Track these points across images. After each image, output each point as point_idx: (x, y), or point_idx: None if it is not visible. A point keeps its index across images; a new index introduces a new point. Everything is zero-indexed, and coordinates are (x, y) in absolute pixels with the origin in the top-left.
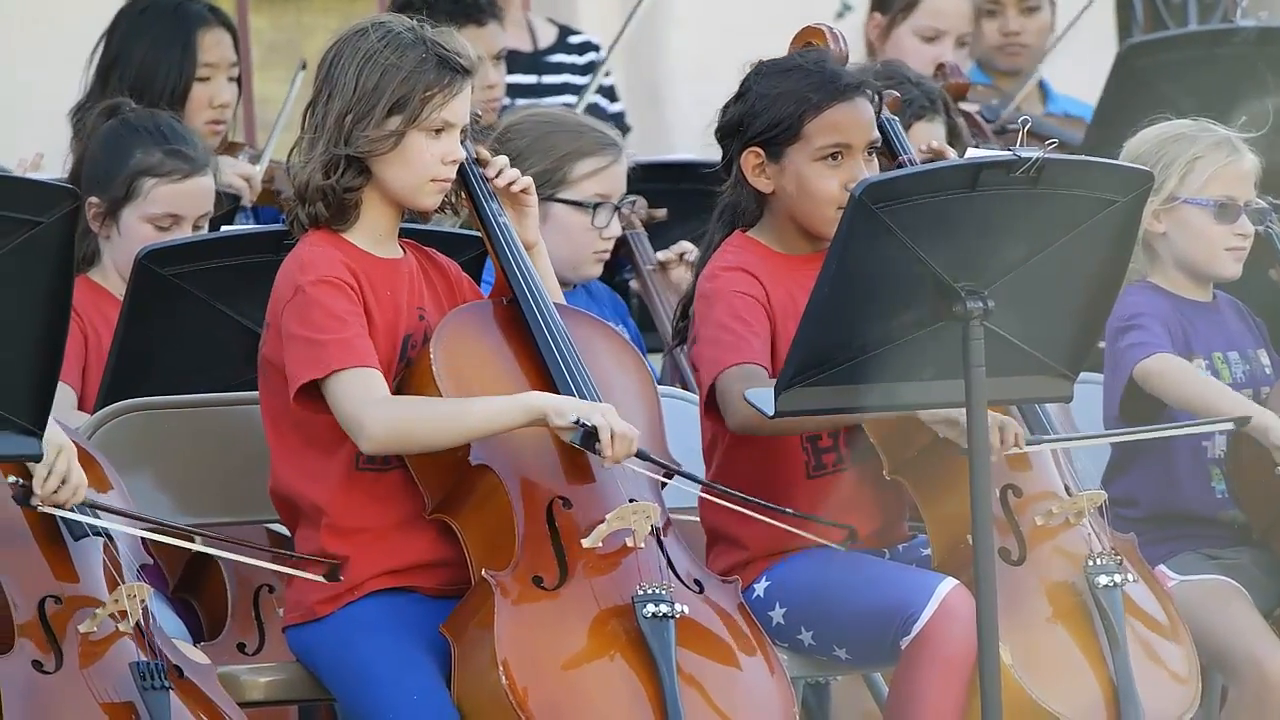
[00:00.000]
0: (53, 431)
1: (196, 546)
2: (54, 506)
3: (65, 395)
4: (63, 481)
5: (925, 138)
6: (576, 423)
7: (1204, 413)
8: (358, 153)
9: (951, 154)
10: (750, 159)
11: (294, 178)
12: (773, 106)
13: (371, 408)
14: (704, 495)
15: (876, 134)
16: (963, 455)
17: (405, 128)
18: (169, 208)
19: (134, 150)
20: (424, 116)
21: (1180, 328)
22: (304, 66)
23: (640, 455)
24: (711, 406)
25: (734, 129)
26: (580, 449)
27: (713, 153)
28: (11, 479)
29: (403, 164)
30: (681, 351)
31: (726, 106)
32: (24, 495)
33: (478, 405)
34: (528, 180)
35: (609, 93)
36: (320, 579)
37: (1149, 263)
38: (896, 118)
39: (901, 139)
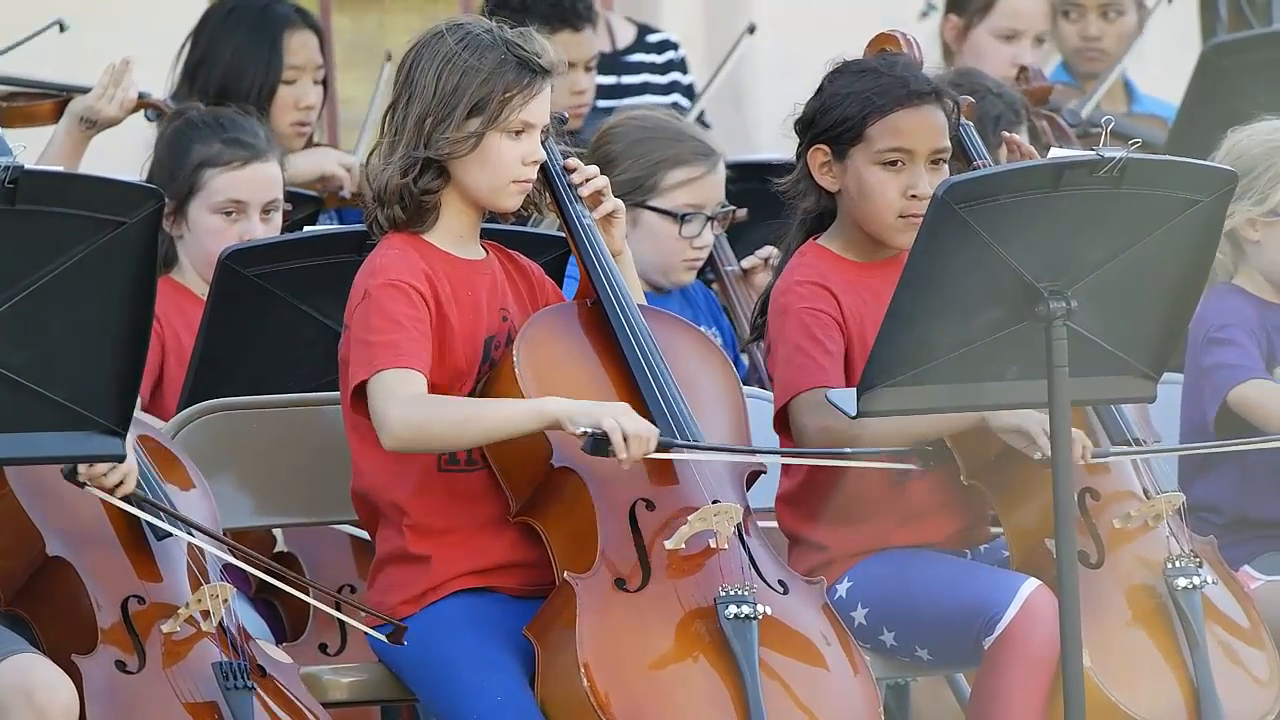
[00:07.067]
0: None
1: (263, 575)
2: (100, 490)
3: None
4: (112, 466)
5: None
6: (584, 432)
7: None
8: (437, 155)
9: (1036, 155)
10: (817, 156)
11: (372, 180)
12: (841, 105)
13: (396, 405)
14: (757, 460)
15: (945, 143)
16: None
17: (485, 129)
18: (230, 194)
19: (193, 145)
20: (504, 118)
21: (1265, 333)
22: (389, 58)
23: (661, 448)
24: (783, 424)
25: (806, 125)
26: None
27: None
28: None
29: (482, 166)
30: (757, 348)
31: (807, 103)
32: (70, 473)
33: (493, 408)
34: (616, 203)
35: (687, 91)
36: (372, 631)
37: (1235, 263)
38: (971, 123)
39: (976, 144)
